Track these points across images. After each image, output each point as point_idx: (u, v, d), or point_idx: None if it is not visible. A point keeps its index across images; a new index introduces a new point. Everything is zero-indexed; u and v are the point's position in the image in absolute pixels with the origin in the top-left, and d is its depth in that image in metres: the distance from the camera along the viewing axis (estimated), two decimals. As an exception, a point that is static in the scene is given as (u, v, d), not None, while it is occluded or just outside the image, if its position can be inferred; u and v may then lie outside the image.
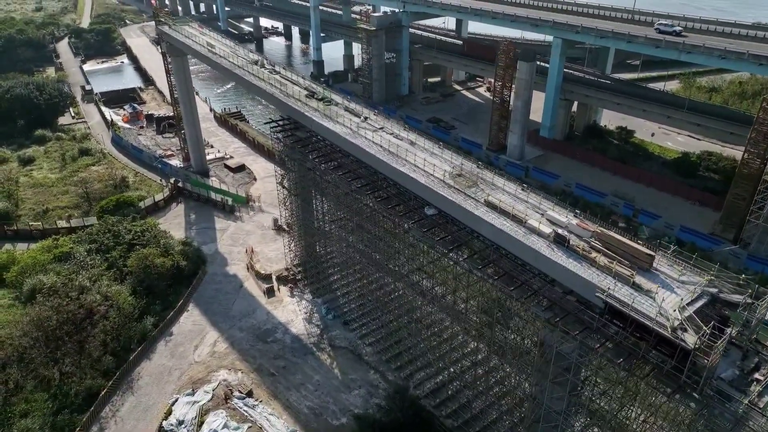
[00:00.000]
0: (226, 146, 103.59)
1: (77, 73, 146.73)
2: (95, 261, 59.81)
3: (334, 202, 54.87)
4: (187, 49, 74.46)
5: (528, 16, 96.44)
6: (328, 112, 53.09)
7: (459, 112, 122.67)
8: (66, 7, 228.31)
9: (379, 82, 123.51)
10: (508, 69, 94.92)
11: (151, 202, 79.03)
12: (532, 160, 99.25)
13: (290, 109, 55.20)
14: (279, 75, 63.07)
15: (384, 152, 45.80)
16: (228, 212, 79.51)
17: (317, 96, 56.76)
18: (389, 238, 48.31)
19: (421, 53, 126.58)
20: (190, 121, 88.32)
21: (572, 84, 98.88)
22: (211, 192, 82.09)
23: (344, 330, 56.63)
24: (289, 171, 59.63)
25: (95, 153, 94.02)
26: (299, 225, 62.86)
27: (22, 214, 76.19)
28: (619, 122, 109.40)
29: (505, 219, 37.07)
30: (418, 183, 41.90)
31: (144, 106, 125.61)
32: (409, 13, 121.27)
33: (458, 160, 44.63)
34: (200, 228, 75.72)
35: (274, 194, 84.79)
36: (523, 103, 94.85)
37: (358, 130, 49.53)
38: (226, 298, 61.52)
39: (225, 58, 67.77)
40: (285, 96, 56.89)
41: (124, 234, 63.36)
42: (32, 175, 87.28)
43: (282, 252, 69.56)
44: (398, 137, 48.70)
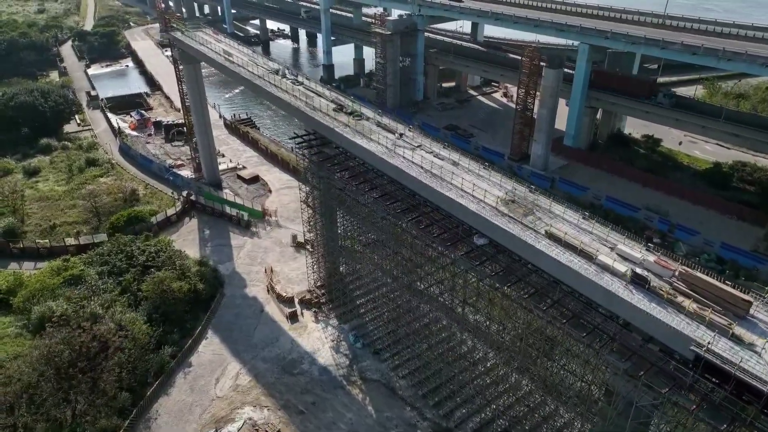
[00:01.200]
0: (237, 155, 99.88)
1: (82, 78, 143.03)
2: (107, 285, 56.07)
3: (367, 224, 51.14)
4: (202, 57, 70.72)
5: (553, 21, 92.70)
6: (360, 127, 49.38)
7: (476, 119, 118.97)
8: (69, 9, 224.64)
9: (393, 87, 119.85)
10: (533, 76, 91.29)
11: (163, 217, 75.28)
12: (556, 170, 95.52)
13: (318, 124, 51.46)
14: (303, 86, 59.29)
15: (426, 174, 42.05)
16: (244, 227, 75.76)
17: (346, 110, 53.01)
18: (430, 267, 44.57)
19: (437, 58, 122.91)
20: (202, 130, 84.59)
21: (598, 91, 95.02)
22: (226, 206, 78.28)
23: (375, 360, 52.86)
24: (314, 189, 55.86)
25: (103, 163, 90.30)
26: (323, 245, 59.13)
27: (28, 231, 72.45)
28: (641, 130, 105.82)
29: (571, 254, 33.31)
30: (467, 210, 38.15)
31: (151, 112, 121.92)
32: (425, 16, 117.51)
33: (509, 184, 40.88)
34: (215, 245, 71.97)
35: (291, 207, 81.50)
36: (548, 111, 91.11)
37: (395, 149, 45.78)
38: (246, 323, 57.75)
39: (244, 67, 64.01)
40: (311, 110, 53.15)
41: (138, 255, 59.61)
42: (38, 187, 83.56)
43: (303, 271, 65.88)
44: (439, 156, 44.97)
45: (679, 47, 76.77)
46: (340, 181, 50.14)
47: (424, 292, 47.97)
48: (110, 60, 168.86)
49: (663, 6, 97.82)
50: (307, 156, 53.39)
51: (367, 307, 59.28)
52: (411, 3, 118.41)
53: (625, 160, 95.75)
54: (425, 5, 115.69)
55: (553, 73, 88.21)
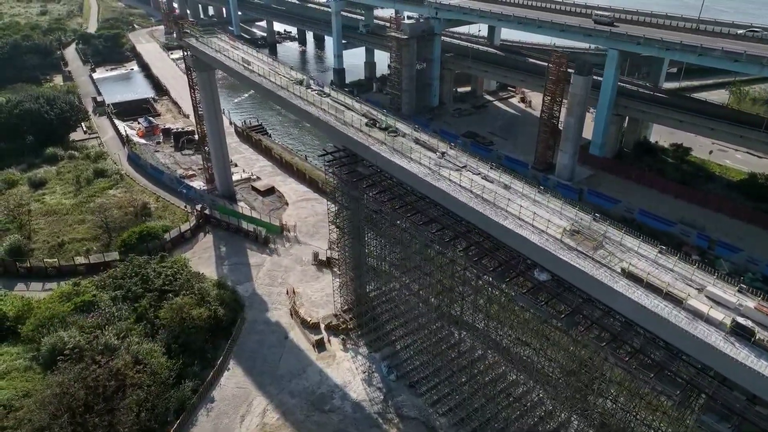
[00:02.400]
0: (250, 165, 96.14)
1: (87, 83, 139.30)
2: (122, 312, 52.32)
3: (405, 250, 47.39)
4: (220, 66, 66.96)
5: (580, 26, 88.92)
6: (398, 145, 45.62)
7: (495, 126, 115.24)
8: (72, 11, 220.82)
9: (408, 93, 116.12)
10: (560, 83, 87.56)
11: (177, 233, 71.54)
12: (583, 180, 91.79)
13: (351, 141, 47.73)
14: (330, 98, 55.56)
15: (477, 200, 38.30)
16: (261, 244, 72.00)
17: (380, 124, 49.26)
18: (479, 299, 40.82)
19: (454, 62, 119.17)
20: (216, 140, 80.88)
21: (626, 98, 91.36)
22: (243, 221, 74.54)
23: (411, 394, 49.11)
24: (343, 209, 52.11)
25: (112, 174, 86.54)
26: (352, 268, 55.42)
27: (36, 248, 68.70)
28: (668, 137, 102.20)
29: (655, 296, 29.58)
30: (529, 242, 34.40)
31: (159, 118, 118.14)
32: (442, 20, 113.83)
33: (570, 211, 37.14)
34: (233, 264, 68.22)
35: (310, 222, 77.77)
36: (576, 119, 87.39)
37: (439, 170, 42.03)
38: (270, 352, 54.00)
39: (265, 77, 60.25)
40: (342, 125, 49.39)
41: (154, 278, 55.85)
42: (45, 200, 79.79)
43: (327, 293, 62.17)
44: (488, 179, 41.22)
45: (719, 54, 73.01)
46: (374, 203, 46.39)
47: (469, 324, 44.26)
48: (115, 63, 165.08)
49: (673, 6, 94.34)
50: (338, 174, 49.62)
51: (398, 333, 55.52)
52: (427, 6, 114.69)
53: (653, 169, 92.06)
54: (443, 8, 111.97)
55: (582, 81, 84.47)
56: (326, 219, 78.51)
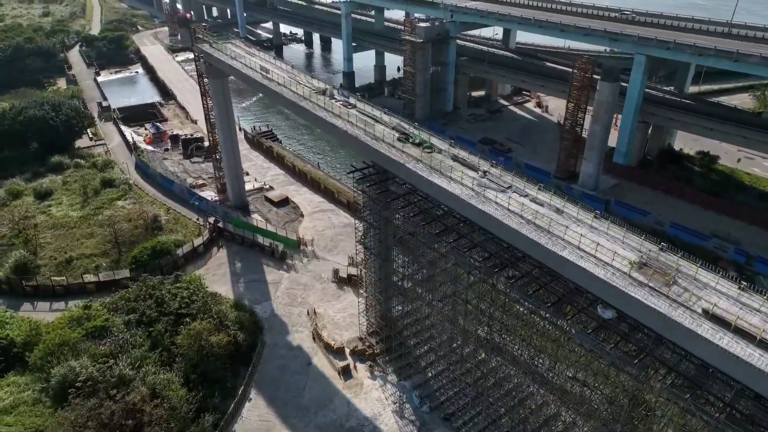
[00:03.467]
0: (262, 174, 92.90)
1: (92, 87, 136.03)
2: (136, 338, 49.09)
3: (442, 275, 44.17)
4: (236, 74, 63.69)
5: (606, 30, 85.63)
6: (435, 163, 42.39)
7: (511, 131, 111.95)
8: (75, 12, 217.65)
9: (423, 97, 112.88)
10: (584, 89, 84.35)
11: (190, 248, 68.33)
12: (607, 190, 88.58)
13: (383, 158, 44.52)
14: (356, 109, 52.33)
15: (529, 226, 35.07)
16: (278, 259, 68.76)
17: (413, 140, 46.03)
18: (527, 332, 37.62)
19: (469, 66, 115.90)
20: (229, 149, 77.66)
21: (653, 105, 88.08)
22: (258, 235, 71.31)
23: (446, 428, 45.92)
24: (371, 228, 48.91)
25: (120, 184, 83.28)
26: (378, 289, 52.22)
27: (42, 265, 65.50)
28: (692, 144, 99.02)
29: (747, 344, 26.37)
30: (592, 276, 31.19)
31: (166, 124, 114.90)
32: (457, 23, 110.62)
33: (634, 240, 33.91)
34: (249, 281, 64.99)
35: (327, 235, 74.53)
36: (602, 127, 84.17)
37: (483, 191, 38.80)
38: (294, 380, 50.79)
39: (285, 86, 57.01)
40: (372, 140, 46.19)
41: (169, 300, 52.59)
42: (51, 212, 76.56)
43: (350, 314, 59.04)
44: (537, 201, 38.00)
45: (757, 60, 69.77)
46: (409, 224, 43.16)
47: (511, 353, 41.08)
48: (119, 66, 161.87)
49: (682, 6, 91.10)
50: (367, 193, 46.41)
51: (428, 358, 52.30)
52: (443, 9, 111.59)
53: (680, 178, 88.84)
54: (459, 11, 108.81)
55: (609, 87, 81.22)
56: (344, 232, 76.09)
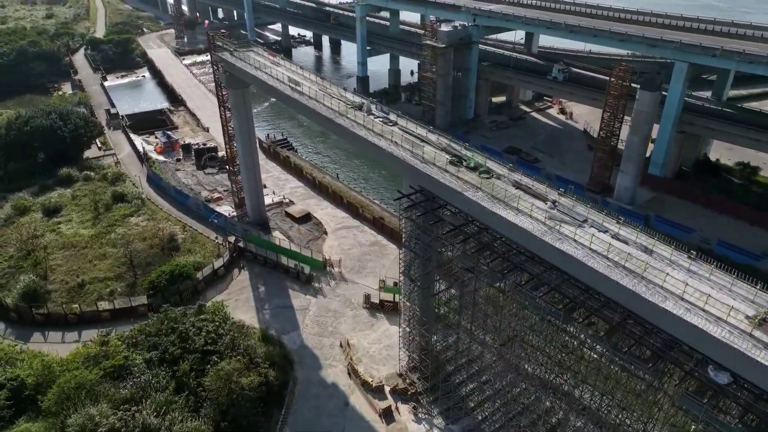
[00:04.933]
0: (280, 186, 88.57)
1: (99, 93, 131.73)
2: (159, 378, 44.76)
3: (499, 313, 39.80)
4: (262, 86, 59.32)
5: (644, 35, 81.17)
6: (495, 190, 38.02)
7: (536, 140, 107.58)
8: (79, 14, 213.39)
9: (444, 104, 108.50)
10: (622, 98, 79.98)
11: (210, 271, 64.02)
12: (645, 204, 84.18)
13: (435, 184, 40.18)
14: (398, 127, 47.95)
15: (616, 269, 30.69)
16: (304, 283, 64.43)
17: (468, 163, 41.65)
18: (609, 385, 33.25)
19: (491, 72, 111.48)
20: (249, 163, 73.35)
21: (692, 114, 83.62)
22: (282, 255, 66.99)
23: (503, 481, 41.65)
24: (416, 257, 44.54)
25: (132, 199, 78.94)
26: (420, 322, 47.87)
27: (53, 290, 61.20)
28: (728, 154, 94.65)
29: None
30: (703, 334, 26.81)
31: (177, 132, 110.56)
32: (480, 27, 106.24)
33: (743, 288, 29.49)
34: (274, 307, 60.65)
35: (354, 255, 70.14)
36: (641, 138, 79.86)
37: (556, 225, 34.40)
38: (331, 422, 46.48)
39: (317, 100, 52.63)
40: (422, 163, 41.80)
41: (193, 335, 48.25)
42: (60, 230, 72.25)
43: (385, 345, 54.82)
44: (620, 238, 33.60)
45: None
46: (465, 258, 38.77)
47: (582, 404, 36.71)
48: (125, 70, 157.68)
49: (692, 7, 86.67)
50: (415, 221, 42.05)
51: (477, 398, 47.94)
52: (465, 12, 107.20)
53: (720, 191, 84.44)
54: (482, 15, 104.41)
55: (649, 97, 76.87)
56: (371, 251, 71.77)
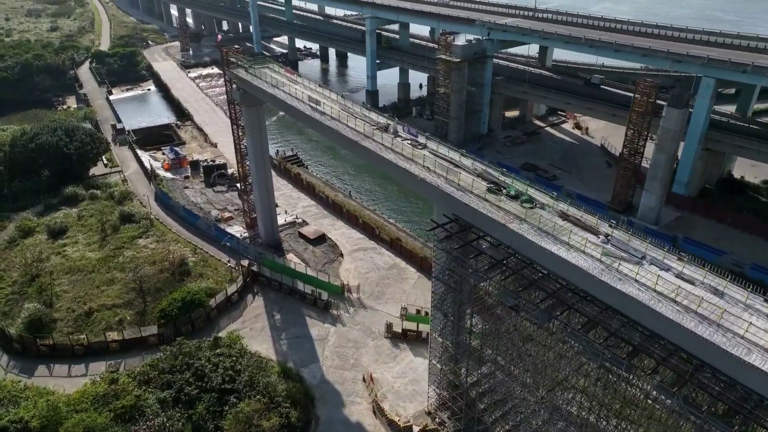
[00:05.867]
0: (292, 205, 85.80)
1: (104, 107, 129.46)
2: (174, 420, 41.65)
3: (541, 351, 36.79)
4: (280, 105, 56.76)
5: (669, 51, 78.81)
6: (541, 222, 35.19)
7: (553, 156, 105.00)
8: (83, 27, 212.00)
9: (458, 120, 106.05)
10: (647, 115, 77.41)
11: (223, 297, 61.05)
12: (670, 223, 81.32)
13: (474, 214, 37.41)
14: (428, 149, 45.24)
15: (686, 314, 27.77)
16: (321, 309, 61.45)
17: (508, 191, 38.85)
18: None
19: (505, 86, 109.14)
20: (262, 182, 70.70)
21: (718, 131, 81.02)
22: (298, 280, 64.04)
23: None
24: (451, 291, 41.62)
25: (140, 219, 76.12)
26: (451, 358, 44.87)
27: (59, 318, 58.17)
28: (752, 171, 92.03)
29: None
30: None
31: (184, 148, 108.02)
32: (495, 41, 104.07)
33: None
34: (292, 337, 57.59)
35: (372, 279, 67.16)
36: (667, 157, 77.10)
37: (613, 263, 31.53)
38: (357, 468, 43.36)
39: (340, 120, 49.98)
40: (458, 190, 39.01)
41: (210, 372, 45.19)
42: (66, 253, 69.35)
43: (411, 378, 51.78)
44: (684, 277, 30.70)
45: None
46: (508, 295, 35.80)
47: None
48: (131, 83, 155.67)
49: (700, 18, 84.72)
50: (451, 253, 39.16)
51: (512, 440, 44.80)
52: (479, 26, 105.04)
53: (747, 210, 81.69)
54: (497, 29, 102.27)
55: (676, 114, 74.21)
56: (390, 275, 68.76)
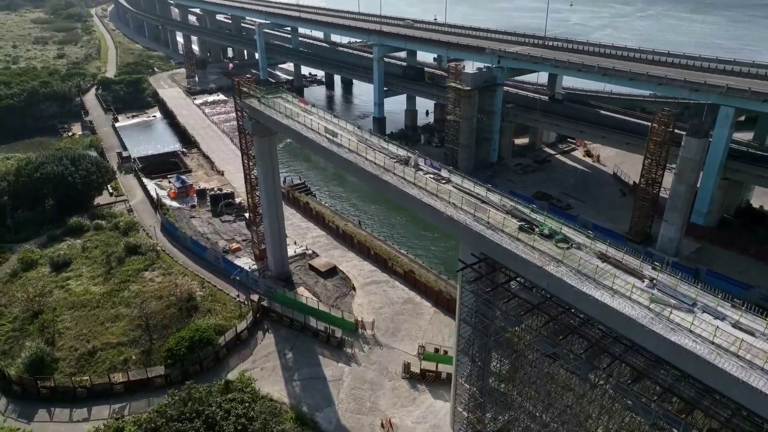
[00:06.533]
0: (301, 235, 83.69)
1: (110, 135, 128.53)
2: (185, 474, 38.87)
3: (579, 402, 34.26)
4: (294, 136, 55.16)
5: (686, 80, 77.75)
6: (580, 264, 33.05)
7: (566, 184, 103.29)
8: (90, 54, 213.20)
9: (468, 147, 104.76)
10: (665, 145, 75.91)
11: (233, 335, 58.52)
12: (691, 255, 79.07)
13: (505, 254, 35.32)
14: (452, 185, 43.38)
15: (750, 370, 25.45)
16: (335, 347, 58.84)
17: (541, 230, 36.82)
18: None
19: (516, 114, 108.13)
20: (273, 213, 68.74)
21: (737, 161, 79.43)
22: (310, 316, 61.60)
23: None
24: (478, 333, 39.23)
25: (146, 251, 73.97)
26: (476, 404, 42.20)
27: (61, 358, 55.58)
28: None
29: None
30: None
31: (190, 176, 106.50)
32: (505, 69, 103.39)
33: None
34: (305, 378, 54.86)
35: (386, 314, 64.60)
36: (687, 187, 75.24)
37: (663, 311, 29.27)
38: None
39: (359, 153, 48.25)
40: (488, 229, 36.98)
41: (221, 420, 42.47)
42: (70, 286, 67.04)
43: (432, 424, 49.01)
44: (742, 328, 28.43)
45: None
46: (544, 342, 33.47)
47: None
48: (136, 110, 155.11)
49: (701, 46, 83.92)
50: (482, 295, 36.93)
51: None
52: (489, 54, 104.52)
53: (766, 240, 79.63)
54: (507, 57, 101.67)
55: (697, 144, 72.65)
56: (404, 310, 66.15)
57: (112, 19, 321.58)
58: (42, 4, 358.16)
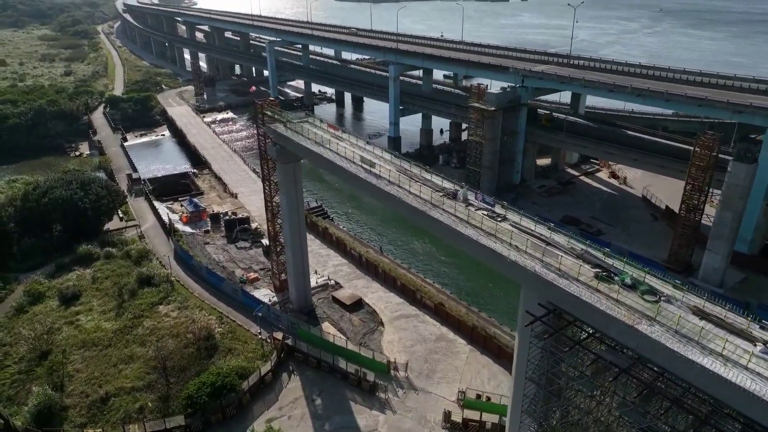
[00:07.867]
0: (322, 263, 79.36)
1: (119, 155, 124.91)
2: None
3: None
4: (324, 164, 51.07)
5: (729, 101, 73.98)
6: (678, 322, 28.73)
7: (593, 208, 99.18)
8: (97, 71, 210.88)
9: (491, 169, 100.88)
10: (708, 170, 71.90)
11: (256, 378, 53.96)
12: (736, 286, 74.67)
13: (583, 306, 31.00)
14: (509, 222, 39.21)
15: None
16: (367, 392, 54.22)
17: (623, 278, 32.51)
18: None
19: (539, 135, 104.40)
20: (296, 244, 64.57)
21: (782, 185, 75.37)
22: (339, 356, 57.05)
23: None
24: (547, 395, 34.75)
25: (160, 282, 69.66)
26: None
27: (71, 405, 51.03)
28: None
29: None
30: None
31: (203, 198, 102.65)
32: (530, 89, 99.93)
33: None
34: (336, 429, 50.13)
35: (419, 353, 59.97)
36: (734, 214, 71.05)
37: (789, 385, 24.89)
38: None
39: (400, 185, 44.17)
40: (560, 277, 32.69)
41: (253, 486, 37.95)
42: (80, 322, 62.65)
43: (481, 484, 44.12)
44: None
45: None
46: (636, 413, 28.99)
47: None
48: (144, 128, 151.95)
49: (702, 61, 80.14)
50: (552, 351, 32.54)
51: None
52: (513, 73, 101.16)
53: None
54: (532, 76, 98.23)
55: (744, 169, 68.64)
56: (438, 348, 61.24)
57: (118, 35, 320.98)
58: (49, 21, 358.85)
